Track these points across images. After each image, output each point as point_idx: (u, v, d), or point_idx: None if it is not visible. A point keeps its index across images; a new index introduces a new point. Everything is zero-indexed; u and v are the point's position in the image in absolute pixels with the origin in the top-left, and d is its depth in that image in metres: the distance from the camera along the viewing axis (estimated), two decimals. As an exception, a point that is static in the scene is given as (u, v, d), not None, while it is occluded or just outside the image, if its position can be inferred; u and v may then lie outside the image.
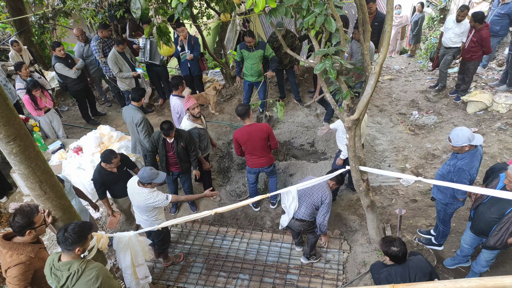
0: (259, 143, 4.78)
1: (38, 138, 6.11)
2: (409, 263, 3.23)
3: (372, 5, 6.55)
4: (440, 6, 12.18)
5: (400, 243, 3.22)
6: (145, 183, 3.93)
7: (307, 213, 4.23)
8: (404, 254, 3.19)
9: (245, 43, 6.31)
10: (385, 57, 3.36)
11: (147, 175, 3.89)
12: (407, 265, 3.21)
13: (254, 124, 4.76)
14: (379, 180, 5.72)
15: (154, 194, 4.01)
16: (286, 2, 2.92)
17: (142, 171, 3.94)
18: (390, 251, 3.20)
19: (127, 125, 5.56)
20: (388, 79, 8.69)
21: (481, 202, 3.66)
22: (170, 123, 4.64)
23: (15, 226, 2.91)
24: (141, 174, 3.92)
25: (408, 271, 3.18)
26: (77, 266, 2.79)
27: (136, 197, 4.08)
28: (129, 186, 4.18)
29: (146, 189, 3.99)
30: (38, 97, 6.07)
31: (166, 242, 4.66)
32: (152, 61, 7.16)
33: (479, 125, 6.44)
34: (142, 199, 4.02)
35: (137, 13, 3.16)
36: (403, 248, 3.18)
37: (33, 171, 2.76)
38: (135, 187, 4.05)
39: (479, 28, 6.23)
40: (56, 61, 6.68)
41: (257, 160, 4.95)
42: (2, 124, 2.47)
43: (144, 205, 4.05)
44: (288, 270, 4.73)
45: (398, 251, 3.17)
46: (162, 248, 4.68)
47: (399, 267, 3.21)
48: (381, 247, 3.33)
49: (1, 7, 9.37)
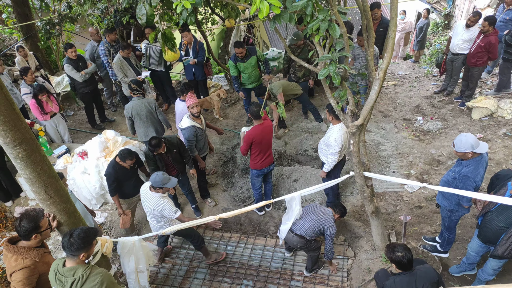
0: (270, 139, 4.94)
1: (43, 142, 6.15)
2: (417, 272, 3.18)
3: (377, 11, 6.57)
4: (444, 12, 12.18)
5: (405, 248, 3.19)
6: (157, 187, 4.03)
7: (310, 232, 4.21)
8: (410, 261, 3.15)
9: (236, 55, 6.27)
10: (389, 62, 3.36)
11: (159, 179, 3.98)
12: (414, 274, 3.16)
13: (264, 122, 4.83)
14: (383, 186, 5.69)
15: (165, 201, 4.07)
16: (290, 8, 2.93)
17: (154, 175, 4.02)
18: (395, 257, 3.16)
19: (139, 119, 5.64)
20: (392, 84, 8.69)
21: (488, 210, 3.62)
22: (158, 138, 4.70)
23: (21, 230, 2.92)
24: (153, 179, 4.01)
25: (415, 281, 3.13)
26: (81, 272, 2.79)
27: (148, 201, 4.15)
28: (142, 191, 4.28)
29: (157, 194, 4.08)
30: (44, 101, 6.12)
31: (197, 237, 4.67)
32: (153, 68, 7.22)
33: (484, 131, 6.40)
34: (153, 204, 4.08)
35: (142, 19, 3.19)
36: (407, 254, 3.14)
37: (38, 176, 2.78)
38: (148, 192, 4.14)
39: (489, 34, 6.20)
40: (66, 62, 6.79)
41: (268, 159, 5.03)
42: (9, 129, 2.49)
43: (155, 210, 4.11)
44: (292, 276, 4.70)
45: (402, 257, 3.13)
46: (198, 244, 4.70)
47: (405, 276, 3.16)
48: (386, 253, 3.30)
49: (8, 13, 9.49)
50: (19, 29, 8.85)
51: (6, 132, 2.50)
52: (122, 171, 4.65)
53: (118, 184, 4.69)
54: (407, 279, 3.15)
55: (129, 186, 4.82)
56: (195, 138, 5.07)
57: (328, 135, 4.64)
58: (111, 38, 6.88)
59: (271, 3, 2.71)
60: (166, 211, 4.06)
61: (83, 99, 7.45)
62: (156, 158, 4.88)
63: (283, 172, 6.06)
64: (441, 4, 12.70)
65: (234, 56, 6.35)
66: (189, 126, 4.98)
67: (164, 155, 4.92)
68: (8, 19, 9.64)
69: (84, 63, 6.94)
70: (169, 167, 5.05)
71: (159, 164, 4.92)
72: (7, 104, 2.45)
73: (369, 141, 6.57)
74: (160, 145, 4.66)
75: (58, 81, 8.50)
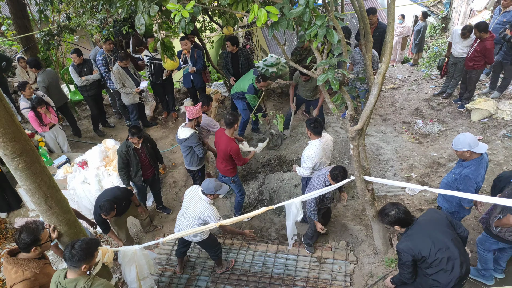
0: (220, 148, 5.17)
1: (43, 153, 6.16)
2: (420, 221, 3.11)
3: (372, 17, 6.63)
4: (441, 15, 12.25)
5: (393, 204, 3.17)
6: (209, 194, 4.06)
7: None
8: (406, 212, 3.10)
9: (255, 87, 6.06)
10: (388, 67, 3.37)
11: (212, 186, 4.03)
12: (419, 224, 3.08)
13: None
14: (384, 190, 5.68)
15: (212, 207, 4.10)
16: (288, 15, 2.95)
17: (207, 182, 4.07)
18: (391, 218, 3.12)
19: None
20: (391, 88, 8.71)
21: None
22: (138, 127, 4.87)
23: (21, 243, 2.92)
24: (206, 185, 4.04)
25: (423, 229, 3.08)
26: (83, 283, 2.78)
27: (194, 203, 4.15)
28: (189, 191, 4.29)
29: (207, 198, 4.10)
30: (43, 113, 6.14)
31: (216, 246, 4.66)
32: (156, 81, 7.32)
33: (484, 133, 6.40)
34: (199, 207, 4.09)
35: (141, 29, 3.21)
36: (399, 207, 3.10)
37: (38, 186, 2.78)
38: (198, 193, 4.15)
39: (484, 38, 6.24)
40: (71, 65, 7.04)
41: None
42: (9, 140, 2.50)
43: (198, 214, 4.10)
44: (295, 282, 4.67)
45: (397, 213, 3.09)
46: (216, 255, 4.69)
47: (412, 230, 3.10)
48: (381, 221, 3.23)
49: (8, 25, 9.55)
50: (19, 41, 8.90)
51: (6, 143, 2.50)
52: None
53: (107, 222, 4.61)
54: (415, 231, 3.08)
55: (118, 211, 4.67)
56: (201, 142, 5.18)
57: (305, 149, 4.69)
58: (107, 48, 6.93)
59: (269, 10, 2.73)
60: (211, 216, 4.05)
61: (87, 101, 7.66)
62: (131, 155, 4.93)
63: (284, 177, 6.05)
64: (438, 7, 12.78)
65: (253, 88, 6.13)
66: (192, 132, 5.03)
67: (140, 151, 5.00)
68: (7, 31, 9.70)
69: (89, 68, 7.07)
70: (145, 167, 5.15)
71: (133, 162, 4.99)
72: (7, 116, 2.46)
73: (369, 144, 6.57)
74: (142, 130, 4.84)
75: (58, 91, 8.51)
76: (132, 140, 4.89)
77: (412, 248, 3.07)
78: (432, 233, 3.06)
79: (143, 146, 5.05)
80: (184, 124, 5.16)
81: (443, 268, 3.03)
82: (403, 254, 3.13)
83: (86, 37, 10.50)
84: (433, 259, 3.02)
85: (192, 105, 7.44)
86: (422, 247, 3.04)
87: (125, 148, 4.93)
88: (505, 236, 3.59)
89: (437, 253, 3.01)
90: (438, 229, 3.08)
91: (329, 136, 4.80)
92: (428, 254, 3.02)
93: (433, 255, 3.01)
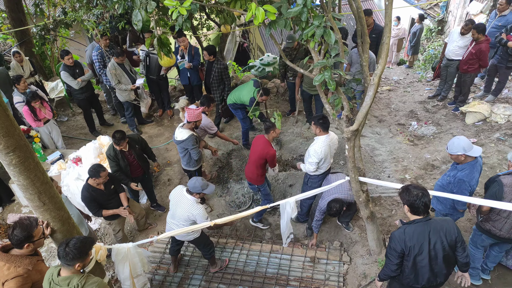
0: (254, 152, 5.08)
1: (37, 148, 6.11)
2: (432, 222, 2.91)
3: (368, 18, 6.65)
4: (438, 17, 12.32)
5: (423, 190, 2.89)
6: (195, 192, 4.03)
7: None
8: (426, 205, 2.86)
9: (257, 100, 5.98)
10: (384, 68, 3.38)
11: (199, 184, 4.00)
12: (429, 225, 2.90)
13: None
14: (378, 191, 5.70)
15: (199, 206, 4.07)
16: (286, 14, 2.94)
17: (194, 180, 4.03)
18: (410, 196, 2.88)
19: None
20: (387, 89, 8.74)
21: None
22: (122, 131, 4.80)
23: (14, 239, 2.89)
24: (193, 184, 4.01)
25: (428, 232, 2.90)
26: (76, 282, 2.77)
27: (181, 204, 4.12)
28: (174, 193, 4.25)
29: (193, 198, 4.08)
30: (37, 108, 6.08)
31: (209, 245, 4.65)
32: (151, 76, 7.23)
33: (478, 136, 6.45)
34: (186, 207, 4.06)
35: (138, 25, 3.19)
36: (425, 196, 2.85)
37: (32, 182, 2.75)
38: (184, 193, 4.12)
39: (480, 41, 6.28)
40: (63, 68, 6.73)
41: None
42: (2, 135, 2.47)
43: (186, 214, 4.08)
44: (288, 282, 4.68)
45: (418, 197, 2.84)
46: (209, 254, 4.67)
47: (418, 226, 2.92)
48: (400, 194, 3.00)
49: (3, 18, 9.46)
50: (14, 35, 8.81)
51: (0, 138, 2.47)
52: (97, 193, 4.45)
53: (99, 205, 4.52)
54: (419, 229, 2.91)
55: (112, 206, 4.63)
56: (197, 145, 5.13)
57: (311, 144, 4.69)
58: (103, 43, 6.87)
59: (266, 9, 2.72)
60: (199, 216, 4.03)
61: (80, 105, 7.38)
62: (119, 157, 4.90)
63: (279, 177, 6.06)
64: (434, 10, 12.84)
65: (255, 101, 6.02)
66: (190, 135, 4.99)
67: (127, 153, 4.96)
68: (2, 25, 9.60)
69: (80, 70, 6.89)
70: (133, 166, 5.11)
71: (122, 164, 4.95)
72: (1, 110, 2.43)
73: (364, 146, 6.60)
74: (125, 136, 4.75)
75: (52, 87, 8.46)
76: (120, 147, 4.82)
77: (406, 240, 2.95)
78: (431, 239, 2.93)
79: (131, 148, 5.00)
80: (182, 125, 5.11)
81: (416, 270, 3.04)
82: (394, 241, 3.02)
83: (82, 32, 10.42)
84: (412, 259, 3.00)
85: (187, 103, 7.43)
86: (413, 245, 2.94)
87: (113, 151, 4.88)
88: (495, 232, 3.65)
89: (418, 257, 2.98)
90: (439, 239, 2.94)
91: (335, 135, 4.78)
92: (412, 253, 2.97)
93: (414, 256, 2.98)
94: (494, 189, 3.50)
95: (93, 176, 4.33)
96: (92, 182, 4.41)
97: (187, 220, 4.14)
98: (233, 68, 10.71)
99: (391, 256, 3.10)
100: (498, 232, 3.62)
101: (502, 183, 3.44)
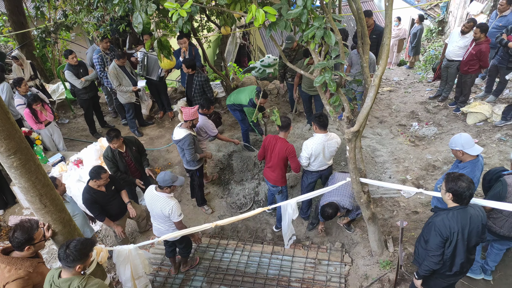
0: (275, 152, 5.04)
1: (38, 151, 6.12)
2: (470, 209, 2.98)
3: (368, 20, 6.64)
4: (438, 18, 12.31)
5: (470, 181, 2.92)
6: (165, 186, 4.01)
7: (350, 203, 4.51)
8: (471, 196, 2.93)
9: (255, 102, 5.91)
10: (384, 69, 3.38)
11: (168, 177, 3.98)
12: (468, 211, 2.96)
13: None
14: (380, 192, 5.69)
15: (172, 201, 4.05)
16: (286, 16, 2.95)
17: (163, 174, 4.00)
18: (457, 187, 2.90)
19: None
20: (387, 90, 8.73)
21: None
22: (117, 130, 4.82)
23: (14, 242, 2.90)
24: (162, 177, 3.99)
25: (469, 218, 2.96)
26: (77, 283, 2.77)
27: (155, 203, 4.11)
28: (147, 194, 4.23)
29: (164, 194, 4.06)
30: (38, 110, 6.09)
31: (189, 245, 4.68)
32: (149, 76, 7.22)
33: (479, 136, 6.44)
34: (161, 205, 4.05)
35: (139, 28, 3.19)
36: (472, 188, 2.89)
37: (33, 185, 2.76)
38: (154, 193, 4.11)
39: (480, 42, 6.27)
40: (67, 68, 6.77)
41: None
42: (3, 138, 2.47)
43: (162, 213, 4.07)
44: (290, 283, 4.67)
45: (466, 188, 2.88)
46: (186, 252, 4.70)
47: (460, 212, 2.96)
48: (446, 182, 3.02)
49: (3, 21, 9.48)
50: (14, 37, 8.84)
51: (1, 141, 2.47)
52: (98, 195, 4.43)
53: (101, 208, 4.50)
54: (461, 214, 2.96)
55: (114, 207, 4.63)
56: (194, 146, 5.10)
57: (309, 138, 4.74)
58: (104, 46, 6.89)
59: (267, 11, 2.73)
60: (173, 212, 4.01)
61: (82, 105, 7.40)
62: (117, 158, 4.90)
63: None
64: (435, 10, 12.84)
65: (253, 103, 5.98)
66: (187, 134, 4.99)
67: (125, 154, 4.96)
68: (3, 28, 9.63)
69: (84, 70, 6.93)
70: (131, 169, 5.12)
71: (120, 166, 4.95)
72: (2, 113, 2.43)
73: (365, 147, 6.59)
74: (119, 134, 4.76)
75: (53, 89, 8.48)
76: (113, 145, 4.80)
77: (451, 226, 2.96)
78: (471, 224, 2.97)
79: (127, 149, 5.00)
80: (180, 125, 5.13)
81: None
82: (439, 229, 3.00)
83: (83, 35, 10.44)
84: (453, 245, 3.01)
85: (185, 104, 7.44)
86: (458, 230, 2.96)
87: (110, 153, 4.89)
88: (496, 230, 3.67)
89: (459, 243, 2.99)
90: (476, 224, 2.99)
91: (337, 138, 4.70)
92: (455, 239, 3.00)
93: (456, 242, 3.00)
94: (497, 188, 3.51)
95: (94, 178, 4.34)
96: (93, 184, 4.41)
97: (164, 219, 4.15)
98: (234, 69, 10.71)
99: (434, 245, 3.07)
100: (499, 230, 3.64)
101: (506, 183, 3.45)
